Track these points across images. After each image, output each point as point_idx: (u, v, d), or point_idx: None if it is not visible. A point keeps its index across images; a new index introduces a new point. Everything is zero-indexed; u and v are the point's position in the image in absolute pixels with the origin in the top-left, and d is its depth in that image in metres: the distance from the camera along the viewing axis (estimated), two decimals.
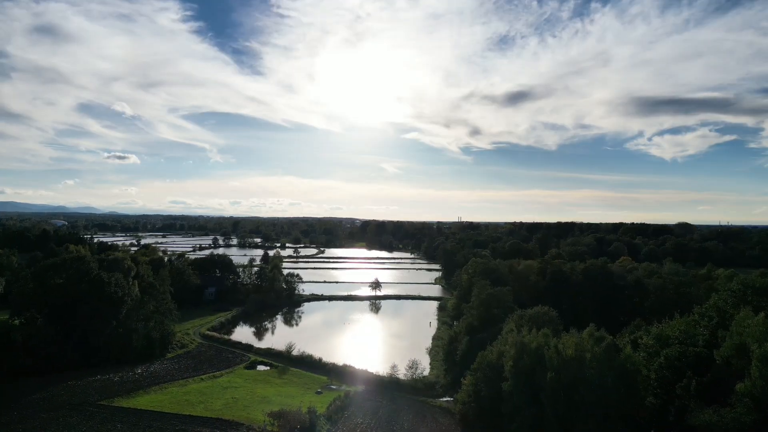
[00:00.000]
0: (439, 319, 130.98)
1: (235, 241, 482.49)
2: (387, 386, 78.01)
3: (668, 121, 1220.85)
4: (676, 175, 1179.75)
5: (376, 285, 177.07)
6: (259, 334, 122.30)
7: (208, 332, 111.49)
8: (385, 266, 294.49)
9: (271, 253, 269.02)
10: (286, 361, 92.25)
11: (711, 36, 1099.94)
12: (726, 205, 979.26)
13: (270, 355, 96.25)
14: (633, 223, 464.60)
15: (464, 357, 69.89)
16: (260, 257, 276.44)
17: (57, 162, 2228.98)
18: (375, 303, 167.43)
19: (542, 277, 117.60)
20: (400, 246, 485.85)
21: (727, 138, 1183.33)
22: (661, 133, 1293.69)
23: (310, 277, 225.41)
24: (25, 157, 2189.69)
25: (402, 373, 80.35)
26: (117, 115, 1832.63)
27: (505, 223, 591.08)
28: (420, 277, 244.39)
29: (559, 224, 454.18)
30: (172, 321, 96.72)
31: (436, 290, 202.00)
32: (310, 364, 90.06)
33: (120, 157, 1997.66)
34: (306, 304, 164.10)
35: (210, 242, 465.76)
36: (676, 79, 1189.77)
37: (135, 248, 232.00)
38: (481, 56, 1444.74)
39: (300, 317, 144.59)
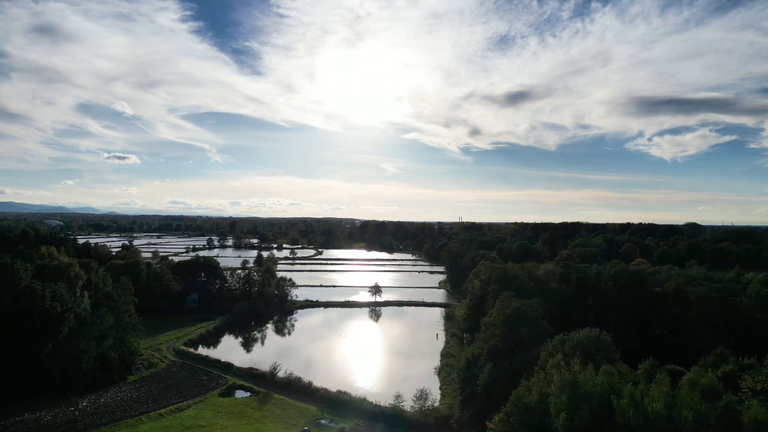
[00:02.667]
0: (447, 331, 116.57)
1: (230, 242, 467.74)
2: (390, 421, 63.78)
3: (668, 121, 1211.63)
4: (675, 175, 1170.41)
5: (375, 290, 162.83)
6: (243, 348, 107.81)
7: (184, 348, 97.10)
8: (385, 269, 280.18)
9: (265, 254, 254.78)
10: (269, 385, 77.99)
11: (711, 36, 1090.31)
12: (726, 205, 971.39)
13: (251, 376, 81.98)
14: (641, 224, 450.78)
15: (488, 389, 55.64)
16: (254, 259, 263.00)
17: (56, 162, 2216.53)
18: (375, 310, 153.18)
19: (565, 283, 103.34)
20: (401, 247, 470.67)
21: (727, 138, 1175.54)
22: (661, 133, 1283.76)
23: (306, 281, 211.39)
24: (25, 157, 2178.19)
25: (408, 404, 66.08)
26: (117, 115, 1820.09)
27: (507, 223, 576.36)
28: (422, 280, 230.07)
29: (564, 224, 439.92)
30: (137, 337, 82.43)
31: (440, 295, 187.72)
32: (297, 389, 75.71)
33: (120, 157, 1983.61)
34: (299, 311, 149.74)
35: (205, 243, 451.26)
36: (676, 79, 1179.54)
37: (126, 250, 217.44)
38: (481, 56, 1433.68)
39: (292, 327, 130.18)
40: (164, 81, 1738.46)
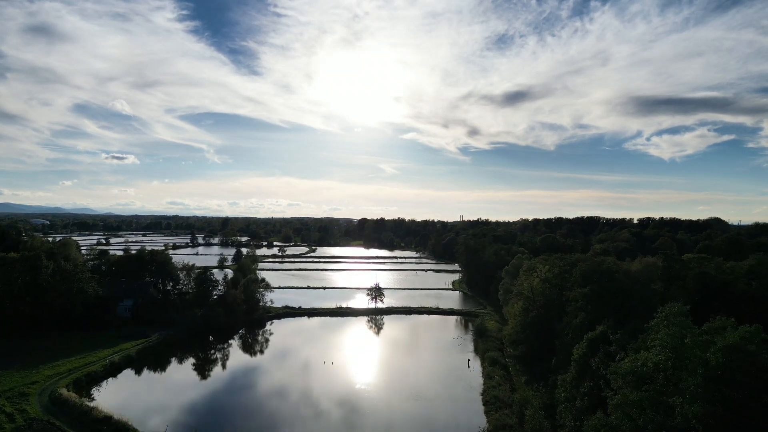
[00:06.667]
0: (481, 355, 79.71)
1: (217, 240, 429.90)
2: None
3: (667, 120, 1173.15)
4: (674, 175, 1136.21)
5: (376, 292, 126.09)
6: (172, 386, 70.77)
7: (65, 392, 59.74)
8: (386, 267, 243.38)
9: (245, 251, 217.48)
10: None
11: (711, 35, 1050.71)
12: (725, 204, 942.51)
13: None
14: (662, 218, 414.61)
15: None
16: (233, 256, 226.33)
17: (54, 163, 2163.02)
18: (375, 319, 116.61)
19: (672, 283, 66.64)
20: (402, 244, 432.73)
21: (726, 138, 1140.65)
22: (659, 133, 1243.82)
23: (294, 281, 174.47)
24: (22, 158, 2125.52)
25: None
26: (113, 116, 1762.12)
27: (508, 222, 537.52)
28: (430, 280, 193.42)
29: (580, 219, 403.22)
30: None
31: (455, 299, 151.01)
32: None
33: (118, 158, 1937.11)
34: (275, 321, 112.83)
35: (188, 240, 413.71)
36: (675, 79, 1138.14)
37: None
38: (479, 55, 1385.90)
39: (263, 345, 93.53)
40: (161, 81, 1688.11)
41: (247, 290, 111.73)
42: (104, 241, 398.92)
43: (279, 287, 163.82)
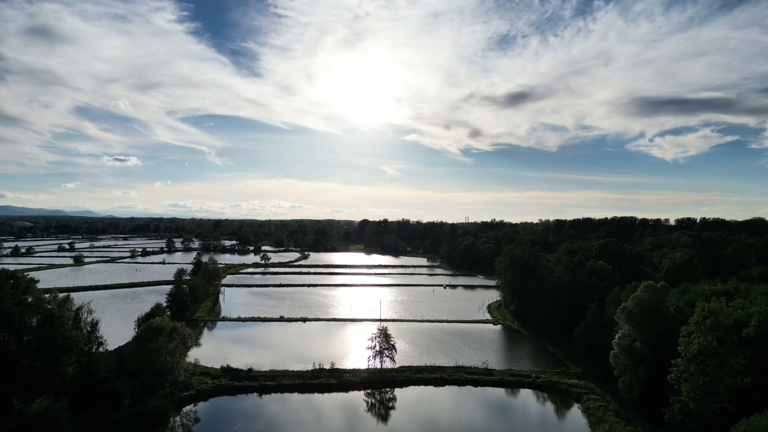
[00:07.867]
0: None
1: (196, 244, 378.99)
2: None
3: (670, 121, 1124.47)
4: (677, 176, 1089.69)
5: (381, 345, 73.93)
6: None
7: None
8: (392, 280, 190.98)
9: (205, 258, 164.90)
10: None
11: (715, 34, 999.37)
12: (728, 206, 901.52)
13: None
14: (705, 219, 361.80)
15: None
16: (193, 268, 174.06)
17: (55, 165, 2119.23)
18: (380, 397, 64.98)
19: None
20: (408, 249, 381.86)
21: (729, 138, 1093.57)
22: (662, 133, 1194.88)
23: (264, 308, 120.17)
24: (23, 161, 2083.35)
25: None
26: (114, 118, 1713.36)
27: (527, 223, 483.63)
28: (452, 302, 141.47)
29: (614, 220, 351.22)
30: None
31: (501, 340, 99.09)
32: None
33: (120, 160, 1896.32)
34: (200, 405, 60.94)
35: (164, 245, 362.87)
36: (678, 79, 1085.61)
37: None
38: (481, 56, 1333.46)
39: None
40: (162, 83, 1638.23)
41: (142, 352, 59.38)
42: (67, 246, 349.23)
43: (237, 318, 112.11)
